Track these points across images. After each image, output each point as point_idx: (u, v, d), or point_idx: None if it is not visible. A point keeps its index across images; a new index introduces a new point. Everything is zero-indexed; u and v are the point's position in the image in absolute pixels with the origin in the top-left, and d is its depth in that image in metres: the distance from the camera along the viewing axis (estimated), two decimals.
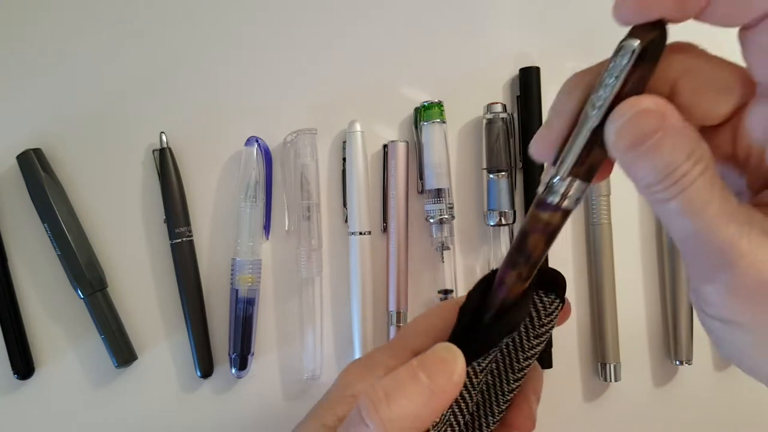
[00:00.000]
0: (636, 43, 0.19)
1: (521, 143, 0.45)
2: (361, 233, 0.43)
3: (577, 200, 0.21)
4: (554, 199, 0.21)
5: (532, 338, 0.25)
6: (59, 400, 0.44)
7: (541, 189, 0.22)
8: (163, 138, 0.44)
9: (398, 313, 0.43)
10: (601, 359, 0.44)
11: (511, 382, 0.26)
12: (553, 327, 0.26)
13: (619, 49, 0.20)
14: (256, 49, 0.46)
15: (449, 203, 0.44)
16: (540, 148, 0.22)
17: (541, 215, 0.22)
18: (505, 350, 0.26)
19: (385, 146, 0.45)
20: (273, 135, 0.45)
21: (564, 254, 0.46)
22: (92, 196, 0.45)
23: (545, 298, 0.25)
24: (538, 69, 0.45)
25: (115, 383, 0.44)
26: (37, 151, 0.43)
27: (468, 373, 0.24)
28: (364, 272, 0.43)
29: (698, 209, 0.18)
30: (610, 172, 0.23)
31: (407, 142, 0.45)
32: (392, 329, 0.43)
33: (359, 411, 0.21)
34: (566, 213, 0.22)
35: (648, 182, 0.19)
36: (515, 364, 0.26)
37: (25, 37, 0.45)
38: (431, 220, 0.43)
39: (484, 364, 0.25)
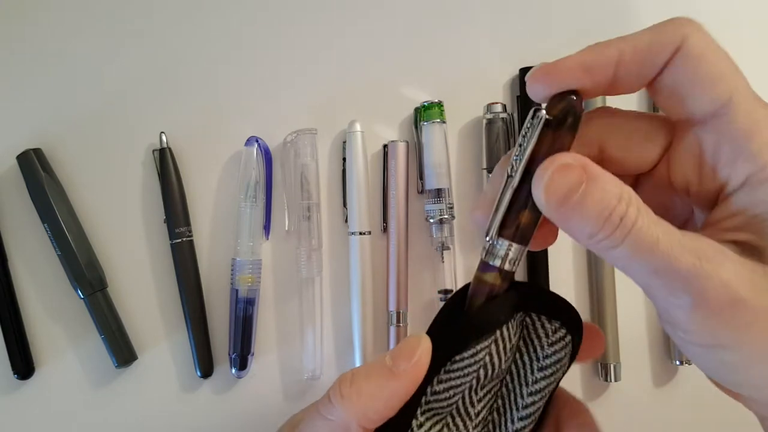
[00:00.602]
0: (543, 113, 0.20)
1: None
2: (361, 233, 0.43)
3: (515, 263, 0.22)
4: (494, 262, 0.22)
5: (536, 371, 0.24)
6: (59, 400, 0.44)
7: (482, 253, 0.23)
8: (163, 138, 0.44)
9: (398, 313, 0.43)
10: (601, 359, 0.44)
11: (516, 421, 0.24)
12: (562, 362, 0.24)
13: (532, 115, 0.21)
14: (256, 49, 0.46)
15: (449, 203, 0.44)
16: (475, 215, 0.23)
17: (484, 277, 0.23)
18: (507, 382, 0.25)
19: (385, 146, 0.45)
20: (273, 135, 0.45)
21: (564, 254, 0.46)
22: (92, 196, 0.45)
23: (547, 324, 0.24)
24: None
25: (115, 383, 0.44)
26: (37, 151, 0.43)
27: (447, 378, 0.23)
28: (364, 272, 0.43)
29: (649, 248, 0.18)
30: (554, 238, 0.24)
31: (407, 142, 0.45)
32: (392, 329, 0.43)
33: (328, 391, 0.22)
34: (507, 275, 0.23)
35: (589, 233, 0.19)
36: (519, 400, 0.24)
37: (25, 37, 0.45)
38: (431, 220, 0.43)
39: (462, 365, 0.23)
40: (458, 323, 0.23)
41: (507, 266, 0.22)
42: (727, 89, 0.20)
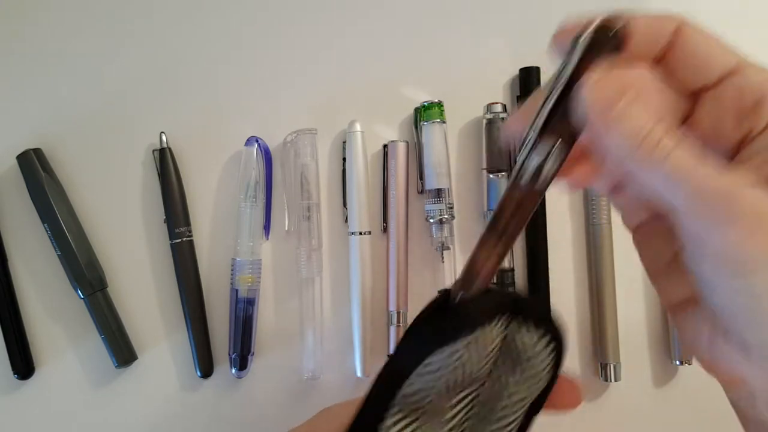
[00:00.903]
0: (586, 37, 0.21)
1: (521, 143, 0.45)
2: (361, 233, 0.43)
3: (549, 180, 0.22)
4: (526, 177, 0.22)
5: (514, 383, 0.23)
6: (59, 400, 0.44)
7: (515, 169, 0.22)
8: (163, 138, 0.44)
9: (398, 313, 0.43)
10: (601, 359, 0.44)
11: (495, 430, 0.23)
12: (545, 372, 0.23)
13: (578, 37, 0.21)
14: (256, 49, 0.46)
15: (449, 203, 0.44)
16: (512, 124, 0.23)
17: (513, 193, 0.22)
18: (486, 390, 0.24)
19: (385, 146, 0.45)
20: (273, 135, 0.45)
21: (564, 254, 0.46)
22: (92, 196, 0.45)
23: (533, 332, 0.23)
24: (538, 69, 0.45)
25: (115, 383, 0.44)
26: (37, 151, 0.43)
27: (419, 381, 0.23)
28: (364, 272, 0.43)
29: (692, 166, 0.19)
30: (587, 181, 0.24)
31: (407, 142, 0.45)
32: (392, 329, 0.43)
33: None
34: (536, 194, 0.22)
35: (627, 150, 0.20)
36: (496, 409, 0.24)
37: (25, 37, 0.45)
38: (431, 220, 0.43)
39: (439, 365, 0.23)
40: (427, 323, 0.23)
41: (545, 172, 0.22)
42: (731, 55, 0.22)
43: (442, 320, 0.23)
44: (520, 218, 0.22)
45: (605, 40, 0.21)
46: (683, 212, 0.21)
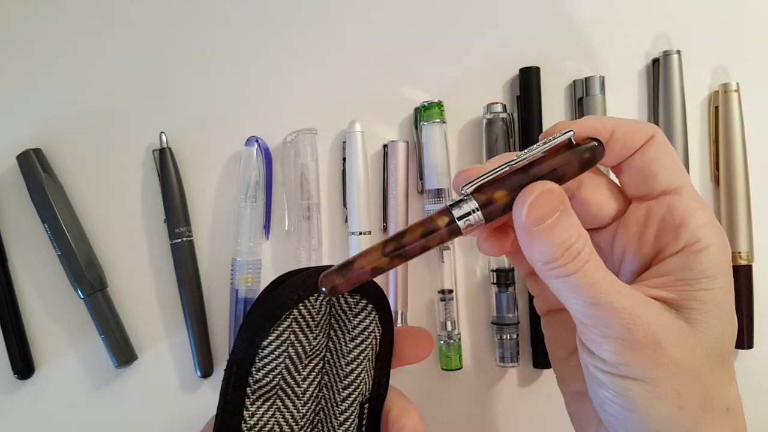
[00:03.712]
0: (572, 132, 0.24)
1: (521, 143, 0.45)
2: (361, 233, 0.43)
3: (467, 224, 0.24)
4: (454, 210, 0.24)
5: (348, 341, 0.26)
6: (59, 400, 0.44)
7: (449, 201, 0.25)
8: (163, 138, 0.44)
9: (398, 313, 0.43)
10: None
11: (342, 390, 0.26)
12: (370, 329, 0.26)
13: (564, 132, 0.24)
14: (256, 49, 0.46)
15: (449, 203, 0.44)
16: (459, 177, 0.25)
17: (436, 217, 0.24)
18: (329, 358, 0.27)
19: (385, 146, 0.45)
20: (273, 135, 0.45)
21: None
22: (92, 196, 0.45)
23: (349, 299, 0.26)
24: (538, 69, 0.45)
25: (115, 383, 0.44)
26: (37, 151, 0.43)
27: (263, 365, 0.25)
28: None
29: (596, 283, 0.22)
30: (501, 252, 0.27)
31: (407, 142, 0.45)
32: None
33: None
34: (454, 229, 0.24)
35: (549, 258, 0.22)
36: (339, 371, 0.26)
37: (26, 37, 0.45)
38: None
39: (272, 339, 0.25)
40: (252, 313, 0.25)
41: (460, 222, 0.24)
42: (681, 176, 0.25)
43: (261, 305, 0.25)
44: (422, 247, 0.24)
45: (580, 149, 0.24)
46: (580, 320, 0.23)
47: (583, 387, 0.27)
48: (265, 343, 0.25)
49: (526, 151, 0.24)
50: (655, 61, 0.45)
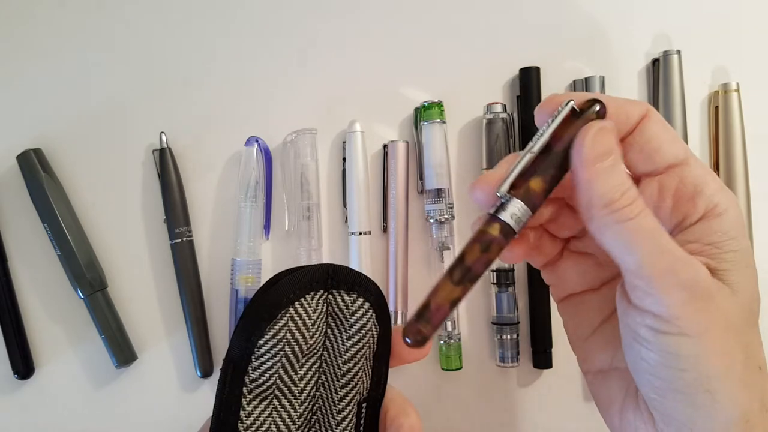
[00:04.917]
0: (573, 102, 0.24)
1: (521, 143, 0.45)
2: (361, 233, 0.43)
3: (519, 221, 0.24)
4: (500, 215, 0.24)
5: (345, 340, 0.26)
6: (59, 400, 0.44)
7: (491, 210, 0.25)
8: (163, 138, 0.44)
9: (398, 313, 0.43)
10: None
11: (339, 389, 0.26)
12: (367, 327, 0.26)
13: (565, 104, 0.24)
14: (256, 49, 0.46)
15: (449, 203, 0.44)
16: (476, 190, 0.26)
17: (487, 228, 0.24)
18: (326, 357, 0.27)
19: (385, 146, 0.45)
20: (273, 135, 0.45)
21: None
22: (92, 196, 0.45)
23: (346, 297, 0.26)
24: (538, 69, 0.45)
25: (115, 383, 0.44)
26: (37, 151, 0.43)
27: (259, 364, 0.25)
28: (364, 272, 0.43)
29: (657, 228, 0.23)
30: (522, 258, 0.28)
31: (407, 142, 0.45)
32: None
33: None
34: (509, 231, 0.24)
35: (610, 198, 0.23)
36: (337, 370, 0.26)
37: (26, 37, 0.45)
38: (431, 220, 0.43)
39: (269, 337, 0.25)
40: (248, 312, 0.25)
41: (512, 222, 0.24)
42: (684, 147, 0.25)
43: (256, 304, 0.25)
44: (486, 261, 0.24)
45: (591, 112, 0.24)
46: (633, 271, 0.23)
47: (606, 364, 0.28)
48: (261, 342, 0.25)
49: (537, 135, 0.24)
50: (655, 61, 0.45)
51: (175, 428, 0.44)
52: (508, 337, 0.43)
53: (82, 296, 0.42)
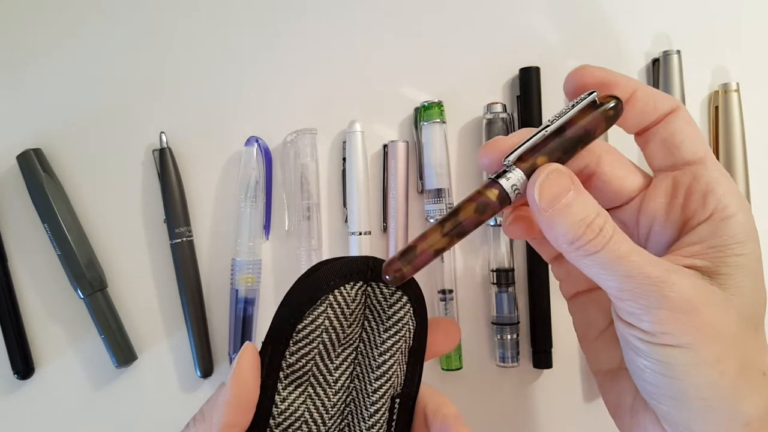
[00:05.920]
0: (595, 94, 0.25)
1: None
2: (361, 233, 0.43)
3: (516, 191, 0.25)
4: (501, 180, 0.25)
5: (382, 332, 0.26)
6: (59, 400, 0.44)
7: (492, 174, 0.26)
8: (163, 138, 0.44)
9: None
10: None
11: (373, 381, 0.26)
12: (404, 321, 0.26)
13: (588, 94, 0.25)
14: (256, 49, 0.46)
15: (449, 203, 0.44)
16: (483, 156, 0.26)
17: (485, 191, 0.25)
18: (362, 349, 0.27)
19: (385, 146, 0.45)
20: (273, 135, 0.45)
21: None
22: (92, 196, 0.45)
23: (385, 290, 0.26)
24: (538, 69, 0.45)
25: (115, 383, 0.44)
26: (37, 151, 0.43)
27: (297, 349, 0.25)
28: None
29: (625, 255, 0.23)
30: (526, 236, 0.28)
31: (407, 142, 0.45)
32: None
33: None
34: (505, 198, 0.25)
35: (572, 237, 0.23)
36: (372, 362, 0.26)
37: (26, 36, 0.45)
38: (431, 220, 0.43)
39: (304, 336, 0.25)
40: (289, 297, 0.26)
41: (510, 191, 0.25)
42: (704, 146, 0.25)
43: (298, 289, 0.26)
44: (477, 221, 0.25)
45: (606, 107, 0.25)
46: (615, 295, 0.23)
47: (615, 364, 0.27)
48: (300, 326, 0.25)
49: (556, 115, 0.25)
50: (655, 61, 0.45)
51: (175, 428, 0.44)
52: (508, 337, 0.43)
53: (82, 296, 0.42)
